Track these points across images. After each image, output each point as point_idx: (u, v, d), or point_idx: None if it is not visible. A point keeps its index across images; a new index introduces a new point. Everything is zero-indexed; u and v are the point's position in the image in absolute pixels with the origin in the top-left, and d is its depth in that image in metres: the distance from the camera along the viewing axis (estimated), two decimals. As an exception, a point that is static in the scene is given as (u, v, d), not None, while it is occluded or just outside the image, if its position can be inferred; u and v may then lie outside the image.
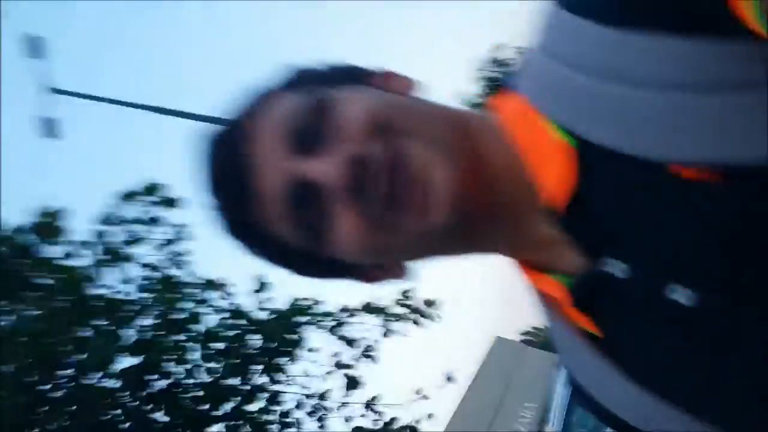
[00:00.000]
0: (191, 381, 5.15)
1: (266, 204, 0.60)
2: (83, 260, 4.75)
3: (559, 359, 0.65)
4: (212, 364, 5.22)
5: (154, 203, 4.82)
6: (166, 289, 5.06)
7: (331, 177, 0.55)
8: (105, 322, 4.87)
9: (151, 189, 4.78)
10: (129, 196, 4.75)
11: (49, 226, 4.01)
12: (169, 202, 4.85)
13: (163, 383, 5.07)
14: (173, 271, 5.18)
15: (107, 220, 4.69)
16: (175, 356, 5.10)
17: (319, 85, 0.62)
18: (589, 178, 0.52)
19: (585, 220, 0.53)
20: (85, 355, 4.63)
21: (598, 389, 0.62)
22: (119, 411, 4.96)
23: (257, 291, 5.22)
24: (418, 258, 0.63)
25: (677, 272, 0.50)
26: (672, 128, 0.45)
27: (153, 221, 4.87)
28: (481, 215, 0.57)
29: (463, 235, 0.58)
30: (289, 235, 0.61)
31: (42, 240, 4.08)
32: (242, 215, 0.62)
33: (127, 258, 4.86)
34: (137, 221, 4.85)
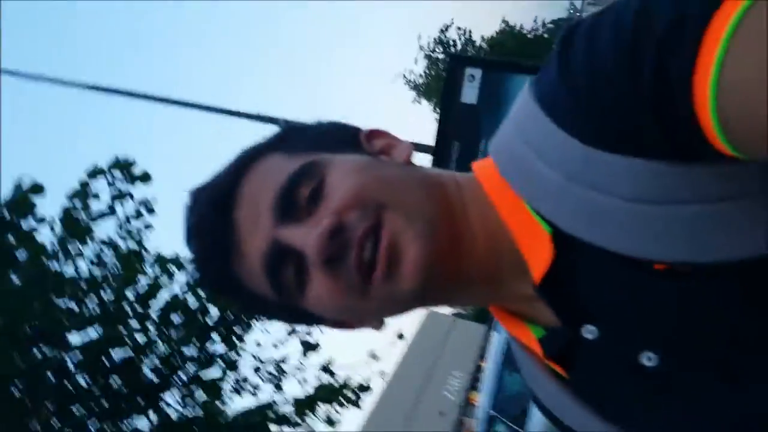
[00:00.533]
0: (150, 351, 5.29)
1: (246, 264, 0.62)
2: (48, 236, 4.79)
3: (524, 379, 0.70)
4: (171, 334, 5.38)
5: (121, 179, 4.92)
6: (127, 263, 5.16)
7: (310, 247, 0.57)
8: (62, 299, 4.93)
9: (117, 165, 4.87)
10: (96, 173, 4.82)
11: (24, 201, 4.04)
12: (136, 178, 4.94)
13: (122, 354, 5.19)
14: (134, 246, 5.28)
15: (74, 196, 4.75)
16: (134, 329, 5.23)
17: (308, 147, 0.64)
18: (565, 256, 0.55)
19: (561, 290, 0.57)
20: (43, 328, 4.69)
21: (559, 411, 0.67)
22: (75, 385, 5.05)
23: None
24: (393, 315, 0.65)
25: (644, 341, 0.55)
26: (637, 232, 0.49)
27: (118, 197, 4.96)
28: (455, 281, 0.59)
29: (436, 295, 0.62)
30: (266, 291, 0.63)
31: (17, 215, 4.12)
32: (221, 270, 0.64)
33: (90, 233, 4.93)
34: (98, 197, 4.92)
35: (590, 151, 0.48)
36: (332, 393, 5.35)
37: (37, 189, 4.12)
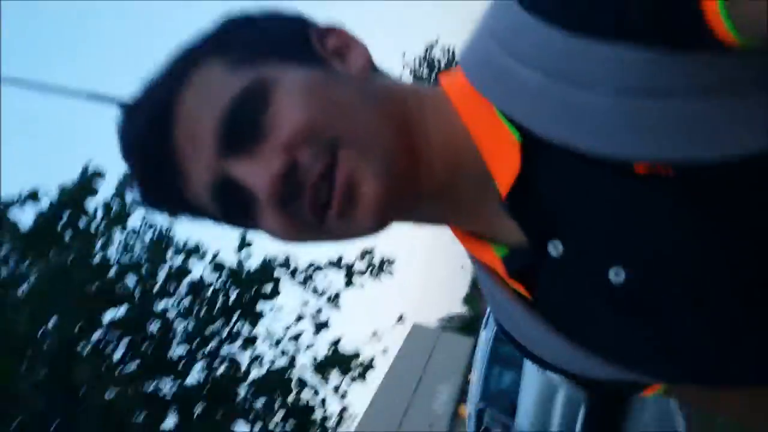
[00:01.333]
0: (180, 326, 5.93)
1: (191, 187, 0.60)
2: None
3: (490, 309, 0.69)
4: (197, 312, 6.02)
5: None
6: (157, 248, 5.83)
7: (261, 187, 0.55)
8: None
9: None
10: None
11: (88, 184, 4.69)
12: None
13: (155, 327, 5.82)
14: (164, 233, 5.96)
15: (119, 186, 5.46)
16: (164, 306, 5.87)
17: (252, 53, 0.58)
18: (534, 167, 0.53)
19: (527, 204, 0.55)
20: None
21: (524, 338, 0.66)
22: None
23: (239, 248, 6.10)
24: (352, 240, 0.63)
25: (613, 255, 0.53)
26: (622, 129, 0.46)
27: None
28: (416, 205, 0.59)
29: (397, 219, 0.60)
30: (214, 212, 0.61)
31: (81, 200, 4.76)
32: (163, 190, 0.62)
33: (127, 219, 5.61)
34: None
35: (573, 42, 0.46)
36: (345, 359, 6.02)
37: (99, 175, 4.77)
